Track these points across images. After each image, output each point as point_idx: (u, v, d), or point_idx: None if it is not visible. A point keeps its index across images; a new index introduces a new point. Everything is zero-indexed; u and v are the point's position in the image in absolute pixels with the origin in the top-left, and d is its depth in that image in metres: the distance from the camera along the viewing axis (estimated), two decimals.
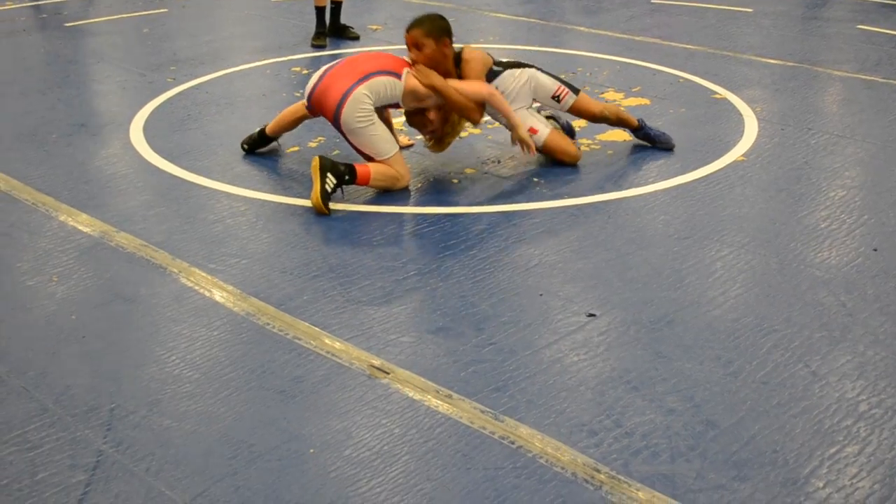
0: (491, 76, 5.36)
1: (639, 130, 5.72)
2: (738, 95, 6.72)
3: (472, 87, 5.14)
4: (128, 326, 3.88)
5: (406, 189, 5.18)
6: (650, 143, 5.73)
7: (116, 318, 3.93)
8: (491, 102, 5.16)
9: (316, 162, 4.84)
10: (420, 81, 5.05)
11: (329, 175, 4.85)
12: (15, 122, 6.28)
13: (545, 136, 5.41)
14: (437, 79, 5.06)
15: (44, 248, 4.54)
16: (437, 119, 5.22)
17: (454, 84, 5.11)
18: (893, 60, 7.70)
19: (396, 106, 5.21)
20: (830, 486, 2.97)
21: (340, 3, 8.43)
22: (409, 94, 5.09)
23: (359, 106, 4.97)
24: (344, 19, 8.52)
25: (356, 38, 8.37)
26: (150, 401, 3.38)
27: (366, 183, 5.04)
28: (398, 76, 5.07)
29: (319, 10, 8.31)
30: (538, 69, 5.57)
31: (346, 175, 4.91)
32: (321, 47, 8.19)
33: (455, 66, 5.23)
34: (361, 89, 4.98)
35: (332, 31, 8.42)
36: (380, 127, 5.08)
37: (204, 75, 7.28)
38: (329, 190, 4.86)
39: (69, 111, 6.53)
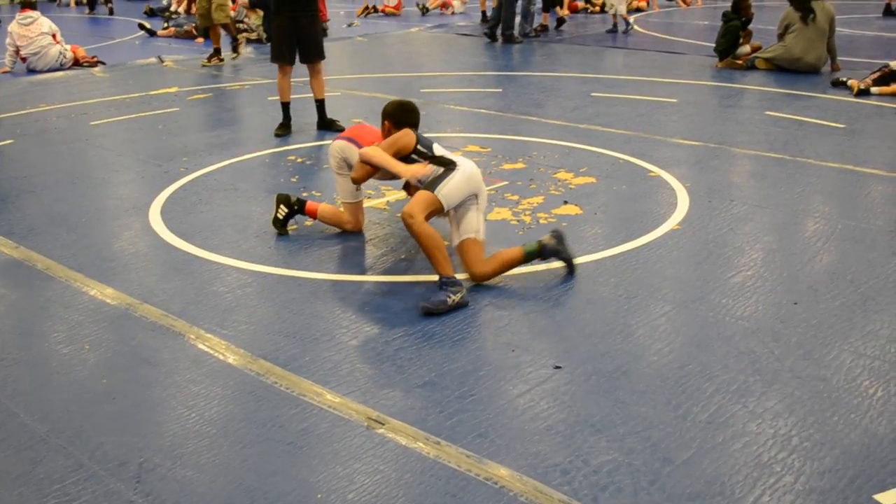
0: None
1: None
2: (670, 173, 6.74)
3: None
4: (152, 388, 3.78)
5: (360, 234, 5.50)
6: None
7: (142, 380, 3.83)
8: (371, 161, 4.87)
9: (275, 196, 5.64)
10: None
11: (281, 206, 5.56)
12: (49, 208, 6.18)
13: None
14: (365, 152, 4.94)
15: (76, 319, 4.44)
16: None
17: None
18: (798, 140, 7.77)
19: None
20: None
21: (323, 100, 8.40)
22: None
23: (332, 153, 5.47)
24: (332, 114, 8.51)
25: (342, 129, 8.34)
26: (174, 454, 3.28)
27: (313, 216, 5.57)
28: (359, 146, 5.25)
29: (284, 105, 8.33)
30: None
31: (295, 206, 5.56)
32: (283, 136, 8.18)
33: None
34: (338, 142, 5.45)
35: (320, 125, 8.41)
36: (345, 177, 5.38)
37: (212, 164, 7.22)
38: (280, 217, 5.55)
39: (96, 198, 6.44)
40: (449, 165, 4.76)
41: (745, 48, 11.78)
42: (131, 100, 10.04)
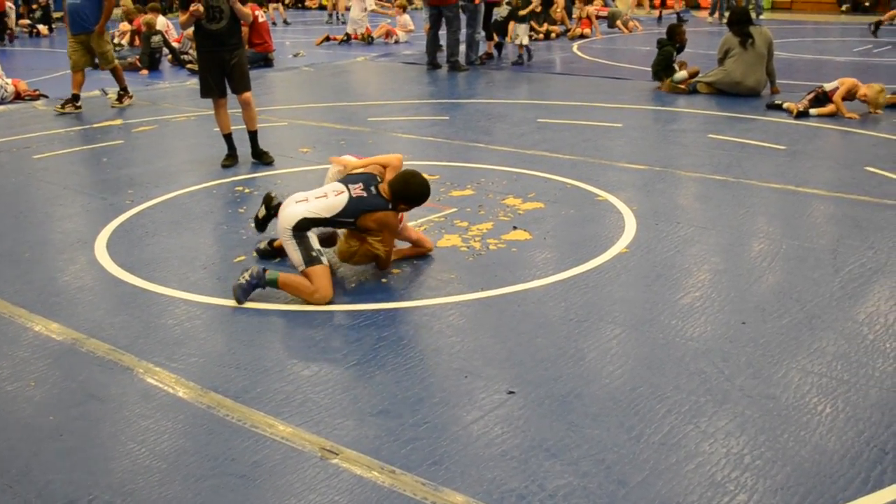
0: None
1: None
2: (616, 197, 6.81)
3: None
4: (101, 424, 3.71)
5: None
6: None
7: (90, 416, 3.76)
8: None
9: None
10: None
11: (263, 206, 5.80)
12: None
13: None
14: None
15: (21, 356, 4.35)
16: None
17: None
18: (741, 162, 7.91)
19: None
20: None
21: (255, 132, 8.25)
22: None
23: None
24: (279, 144, 8.45)
25: (270, 162, 8.18)
26: (124, 491, 3.22)
27: None
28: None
29: (226, 137, 8.27)
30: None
31: (272, 211, 5.68)
32: (229, 167, 8.12)
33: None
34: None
35: (254, 156, 8.28)
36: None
37: (158, 196, 7.14)
38: (260, 217, 5.81)
39: (39, 232, 6.33)
40: None
41: (683, 73, 11.98)
42: (75, 133, 9.93)
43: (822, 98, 10.02)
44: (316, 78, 14.45)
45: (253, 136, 8.31)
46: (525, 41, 15.40)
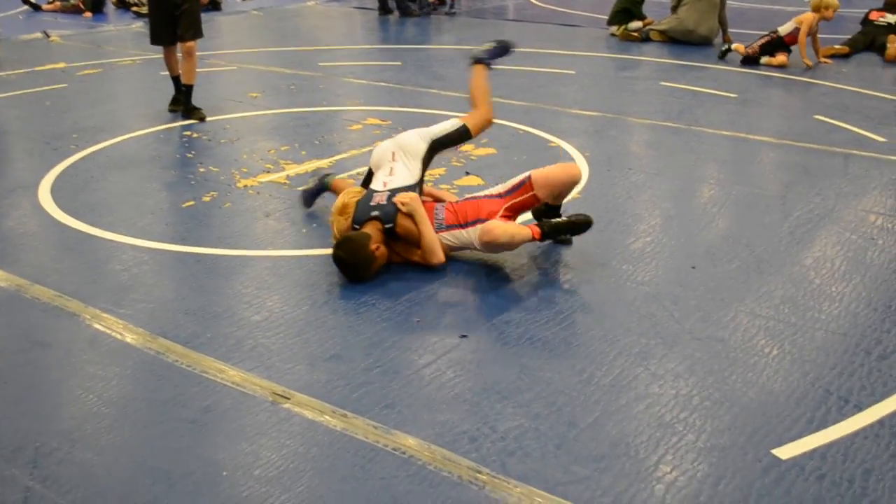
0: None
1: None
2: (569, 143, 6.80)
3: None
4: (47, 370, 3.64)
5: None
6: None
7: (36, 363, 3.69)
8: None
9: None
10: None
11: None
12: None
13: None
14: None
15: None
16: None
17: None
18: (692, 110, 7.93)
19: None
20: (676, 471, 2.99)
21: (190, 86, 7.83)
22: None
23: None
24: (228, 89, 8.27)
25: (201, 119, 7.72)
26: (71, 437, 3.17)
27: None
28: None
29: (175, 80, 7.94)
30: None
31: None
32: (177, 112, 7.86)
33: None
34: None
35: (184, 111, 7.84)
36: None
37: (104, 141, 6.98)
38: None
39: None
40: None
41: (637, 23, 11.95)
42: (16, 76, 9.65)
43: (776, 42, 10.02)
44: (265, 22, 14.20)
45: (188, 89, 7.87)
46: None
